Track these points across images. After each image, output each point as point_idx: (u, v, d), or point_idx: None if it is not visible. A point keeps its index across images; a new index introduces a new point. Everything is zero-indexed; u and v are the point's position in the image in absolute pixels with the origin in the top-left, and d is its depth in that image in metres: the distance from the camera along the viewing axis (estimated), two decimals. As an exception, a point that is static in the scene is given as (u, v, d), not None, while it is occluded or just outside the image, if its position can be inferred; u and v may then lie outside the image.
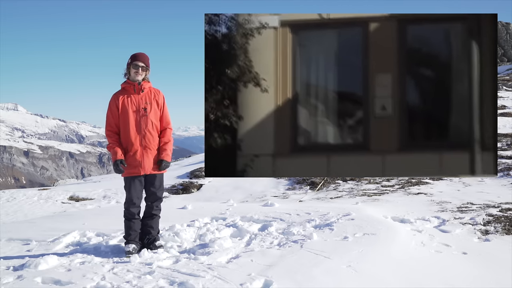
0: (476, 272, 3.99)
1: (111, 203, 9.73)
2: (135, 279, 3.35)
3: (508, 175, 8.84)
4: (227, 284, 3.22)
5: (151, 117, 4.23)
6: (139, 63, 4.19)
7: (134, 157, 4.17)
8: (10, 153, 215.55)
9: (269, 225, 5.14)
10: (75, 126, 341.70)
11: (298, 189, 9.68)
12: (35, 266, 3.69)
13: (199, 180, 11.40)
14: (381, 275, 3.58)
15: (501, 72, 30.53)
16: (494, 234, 5.13)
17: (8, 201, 10.34)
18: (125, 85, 4.26)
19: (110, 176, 18.18)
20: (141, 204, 4.30)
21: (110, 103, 4.22)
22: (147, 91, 4.27)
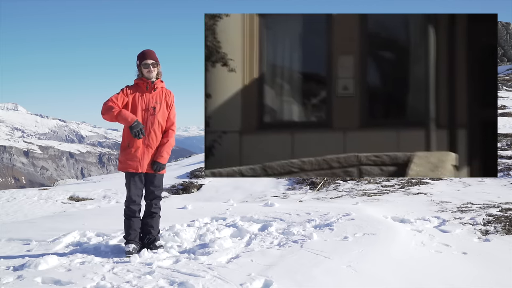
0: (476, 272, 3.99)
1: (111, 203, 9.74)
2: (135, 279, 3.35)
3: (508, 175, 8.84)
4: (227, 284, 3.22)
5: (159, 117, 4.24)
6: (148, 61, 4.19)
7: (135, 154, 4.17)
8: (10, 153, 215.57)
9: (269, 225, 5.13)
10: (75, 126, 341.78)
11: (298, 189, 9.69)
12: (35, 266, 3.69)
13: (199, 180, 11.40)
14: (381, 275, 3.58)
15: (501, 72, 30.52)
16: (494, 234, 5.13)
17: (8, 201, 10.34)
18: (138, 81, 4.25)
19: (110, 176, 18.19)
20: (141, 202, 4.30)
21: (122, 92, 4.19)
22: (159, 90, 4.28)
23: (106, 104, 4.11)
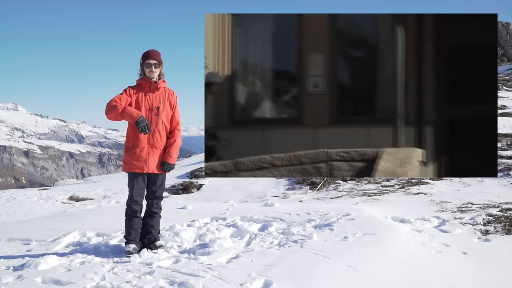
0: (476, 272, 3.99)
1: (111, 203, 9.74)
2: (135, 279, 3.35)
3: (508, 175, 8.84)
4: (227, 284, 3.22)
5: (162, 117, 4.24)
6: (151, 61, 4.19)
7: (140, 154, 4.17)
8: (10, 153, 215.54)
9: (269, 225, 5.13)
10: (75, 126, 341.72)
11: (298, 189, 9.69)
12: (35, 266, 3.69)
13: (199, 180, 11.40)
14: (381, 275, 3.58)
15: (501, 72, 30.51)
16: (494, 234, 5.13)
17: (8, 201, 10.35)
18: (141, 81, 4.25)
19: (110, 176, 18.19)
20: (143, 202, 4.30)
21: (125, 92, 4.18)
22: (162, 90, 4.29)
23: (110, 103, 4.11)
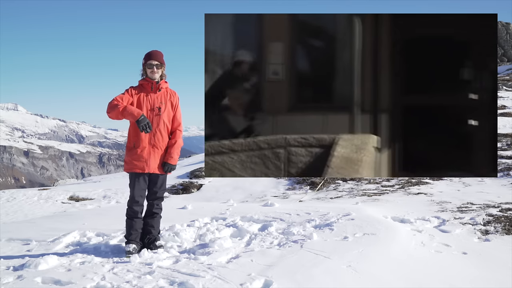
0: (476, 272, 3.99)
1: (111, 203, 9.74)
2: (135, 279, 3.35)
3: (508, 175, 8.84)
4: (227, 284, 3.22)
5: (164, 117, 4.25)
6: (153, 62, 4.21)
7: (141, 154, 4.17)
8: (10, 153, 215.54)
9: (269, 225, 5.14)
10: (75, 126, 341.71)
11: (298, 189, 9.69)
12: (35, 266, 3.69)
13: (199, 180, 11.40)
14: (381, 275, 3.58)
15: (501, 72, 30.51)
16: (494, 234, 5.13)
17: (8, 201, 10.35)
18: (143, 82, 4.26)
19: (110, 176, 18.19)
20: (144, 203, 4.30)
21: (127, 92, 4.19)
22: (164, 91, 4.30)
23: (111, 102, 4.12)
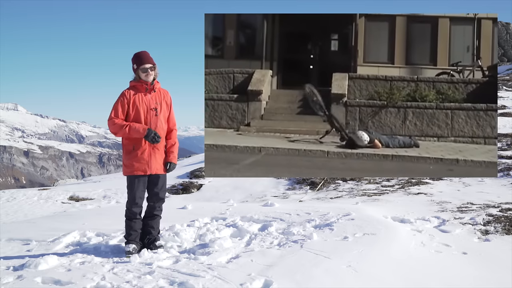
0: (476, 272, 3.99)
1: (111, 203, 9.74)
2: (135, 279, 3.35)
3: (508, 175, 8.84)
4: (227, 284, 3.22)
5: (161, 118, 4.24)
6: (146, 66, 4.15)
7: (142, 156, 4.15)
8: (10, 153, 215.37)
9: (269, 225, 5.13)
10: (75, 126, 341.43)
11: (298, 189, 9.69)
12: (35, 266, 3.69)
13: (199, 180, 11.40)
14: (381, 275, 3.58)
15: (501, 72, 30.49)
16: (494, 234, 5.13)
17: (8, 201, 10.35)
18: (135, 84, 4.21)
19: (110, 176, 18.18)
20: (143, 204, 4.30)
21: (122, 97, 4.15)
22: (157, 91, 4.28)
23: (114, 123, 4.10)
